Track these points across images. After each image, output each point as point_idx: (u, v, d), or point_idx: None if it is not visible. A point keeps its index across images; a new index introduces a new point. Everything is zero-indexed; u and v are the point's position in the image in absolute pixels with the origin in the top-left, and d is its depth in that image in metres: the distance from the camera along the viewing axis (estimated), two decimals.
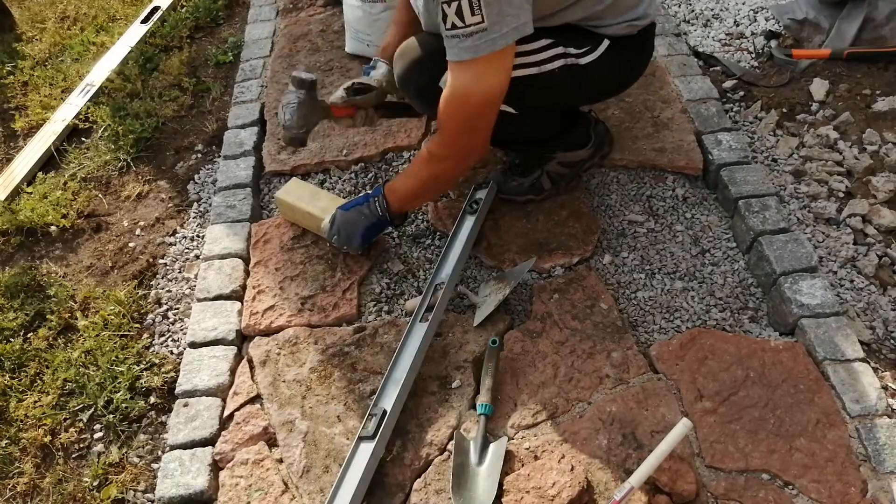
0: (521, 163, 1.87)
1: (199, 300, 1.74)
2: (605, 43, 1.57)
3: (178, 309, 1.81)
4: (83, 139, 2.35)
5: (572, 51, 1.55)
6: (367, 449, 1.37)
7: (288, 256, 1.82)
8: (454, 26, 1.35)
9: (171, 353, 1.71)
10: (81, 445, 1.56)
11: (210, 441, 1.48)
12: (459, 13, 1.33)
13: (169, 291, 1.85)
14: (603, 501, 1.32)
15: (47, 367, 1.69)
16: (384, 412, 1.41)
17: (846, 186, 1.90)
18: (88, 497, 1.46)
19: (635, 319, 1.65)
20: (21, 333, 1.77)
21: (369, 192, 1.74)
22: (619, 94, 1.87)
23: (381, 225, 1.72)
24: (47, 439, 1.56)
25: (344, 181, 2.04)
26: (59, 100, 2.50)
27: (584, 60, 1.56)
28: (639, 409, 1.43)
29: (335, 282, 1.75)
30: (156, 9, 2.88)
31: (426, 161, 1.62)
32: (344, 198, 1.99)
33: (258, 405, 1.53)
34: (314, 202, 1.82)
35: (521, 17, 1.34)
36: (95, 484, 1.48)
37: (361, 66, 2.04)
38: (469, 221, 1.79)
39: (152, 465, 1.50)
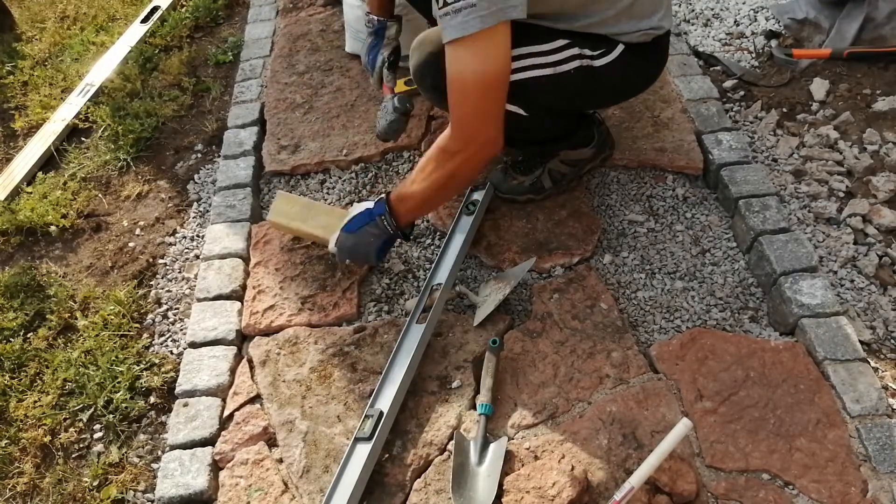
0: (524, 160, 1.87)
1: (199, 300, 1.73)
2: (620, 47, 1.57)
3: (178, 309, 1.81)
4: (83, 139, 2.35)
5: (588, 52, 1.55)
6: (363, 450, 1.37)
7: (288, 257, 1.82)
8: (445, 3, 1.34)
9: (171, 353, 1.71)
10: (81, 445, 1.56)
11: (210, 441, 1.48)
12: None
13: (169, 291, 1.85)
14: (603, 501, 1.32)
15: (47, 367, 1.69)
16: (381, 413, 1.41)
17: (846, 186, 1.90)
18: (88, 497, 1.46)
19: (635, 319, 1.65)
20: (21, 333, 1.77)
21: (370, 206, 1.62)
22: (631, 98, 1.87)
23: (392, 240, 1.67)
24: (47, 439, 1.56)
25: (344, 181, 2.04)
26: (58, 99, 2.50)
27: (598, 63, 1.56)
28: (639, 409, 1.43)
29: (335, 281, 1.75)
30: (156, 8, 2.88)
31: (439, 159, 1.52)
32: (342, 200, 1.99)
33: (258, 405, 1.53)
34: (312, 219, 1.76)
35: (511, 0, 1.32)
36: (95, 484, 1.48)
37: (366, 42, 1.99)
38: (466, 222, 1.79)
39: (152, 465, 1.50)
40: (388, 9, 1.95)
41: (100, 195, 2.15)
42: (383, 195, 1.60)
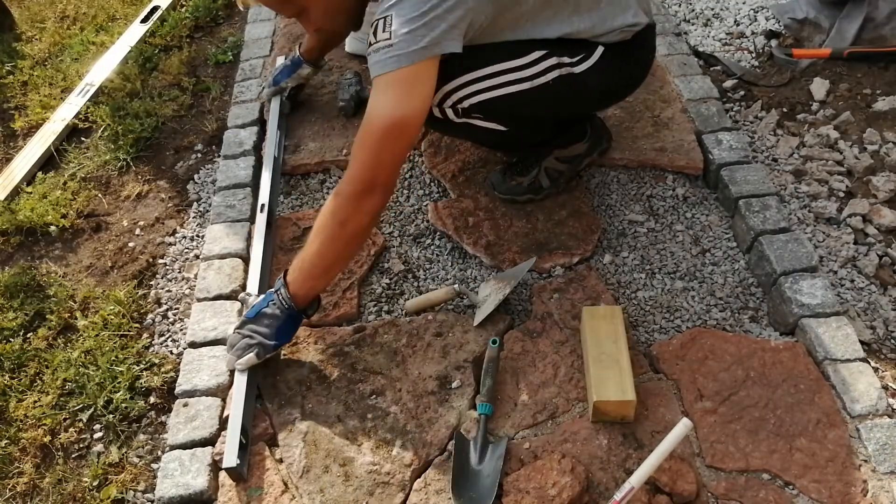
0: (519, 161, 1.87)
1: (199, 300, 1.73)
2: (600, 49, 1.54)
3: (177, 309, 1.80)
4: (83, 139, 2.35)
5: (566, 59, 1.52)
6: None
7: (288, 257, 1.82)
8: (370, 44, 1.33)
9: (171, 353, 1.70)
10: (81, 445, 1.56)
11: (210, 441, 1.47)
12: (375, 31, 1.32)
13: (169, 291, 1.85)
14: (603, 501, 1.32)
15: (47, 367, 1.69)
16: None
17: (846, 186, 1.90)
18: (88, 497, 1.46)
19: (635, 319, 1.65)
20: (21, 333, 1.77)
21: (271, 289, 1.51)
22: (623, 98, 1.86)
23: (294, 320, 1.50)
24: (47, 439, 1.56)
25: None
26: (58, 99, 2.50)
27: (578, 69, 1.54)
28: (639, 409, 1.43)
29: (335, 281, 1.75)
30: (155, 8, 2.88)
31: (329, 209, 1.43)
32: None
33: (258, 405, 1.53)
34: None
35: (435, 37, 1.29)
36: (95, 484, 1.48)
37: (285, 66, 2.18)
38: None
39: (152, 465, 1.50)
40: (314, 55, 2.10)
41: (100, 195, 2.15)
42: (282, 273, 1.50)
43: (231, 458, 1.37)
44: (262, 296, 1.53)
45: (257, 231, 1.83)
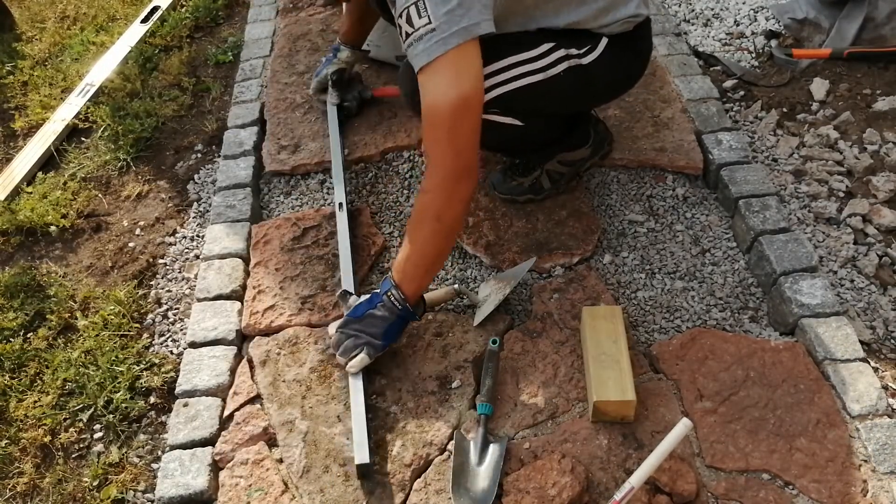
0: (521, 162, 1.87)
1: (199, 300, 1.73)
2: (604, 41, 1.57)
3: (178, 309, 1.80)
4: (83, 139, 2.35)
5: (574, 51, 1.55)
6: None
7: (288, 257, 1.82)
8: (407, 35, 1.33)
9: (171, 353, 1.71)
10: (81, 445, 1.56)
11: (210, 441, 1.48)
12: (409, 20, 1.32)
13: (169, 291, 1.85)
14: (603, 501, 1.32)
15: (47, 367, 1.69)
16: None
17: (846, 186, 1.90)
18: (88, 497, 1.46)
19: (635, 319, 1.65)
20: (21, 333, 1.77)
21: (376, 290, 1.53)
22: (625, 92, 1.87)
23: (403, 321, 1.51)
24: (47, 439, 1.56)
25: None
26: (58, 99, 2.50)
27: (586, 60, 1.56)
28: (639, 409, 1.43)
29: (335, 281, 1.75)
30: (155, 8, 2.88)
31: (421, 206, 1.44)
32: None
33: (258, 405, 1.53)
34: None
35: (473, 16, 1.30)
36: (95, 484, 1.48)
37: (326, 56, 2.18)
38: None
39: (152, 465, 1.50)
40: (353, 39, 2.08)
41: (100, 195, 2.15)
42: (387, 275, 1.51)
43: (363, 455, 1.37)
44: (365, 297, 1.53)
45: (340, 229, 1.82)
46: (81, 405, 1.61)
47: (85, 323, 1.76)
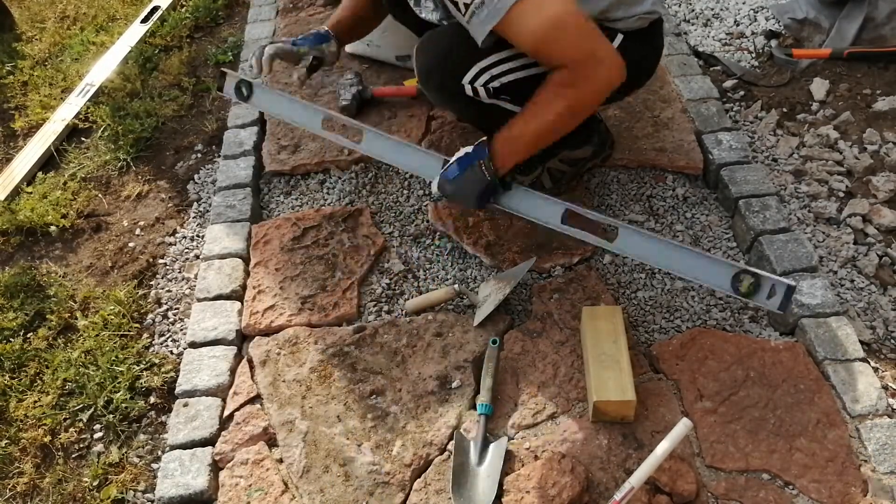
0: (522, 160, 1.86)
1: (199, 300, 1.73)
2: (620, 37, 1.58)
3: (178, 309, 1.81)
4: (83, 139, 2.35)
5: None
6: None
7: (288, 257, 1.82)
8: (466, 5, 1.35)
9: (171, 353, 1.71)
10: (81, 445, 1.56)
11: (210, 441, 1.48)
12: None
13: (169, 291, 1.85)
14: (603, 501, 1.32)
15: (47, 367, 1.69)
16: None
17: (846, 186, 1.90)
18: (88, 497, 1.46)
19: (635, 319, 1.65)
20: (21, 333, 1.77)
21: (468, 150, 1.56)
22: (635, 89, 1.86)
23: (493, 188, 1.57)
24: (47, 439, 1.56)
25: (344, 181, 2.04)
26: (58, 99, 2.50)
27: None
28: (639, 409, 1.43)
29: (335, 281, 1.75)
30: (155, 8, 2.88)
31: (555, 92, 1.42)
32: (342, 200, 1.99)
33: (258, 405, 1.53)
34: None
35: None
36: (95, 484, 1.48)
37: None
38: (718, 274, 1.50)
39: (152, 465, 1.50)
40: (341, 29, 1.91)
41: (100, 195, 2.15)
42: (483, 139, 1.54)
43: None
44: (459, 154, 1.56)
45: None
46: (81, 405, 1.61)
47: (85, 323, 1.76)
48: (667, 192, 1.93)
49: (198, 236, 1.98)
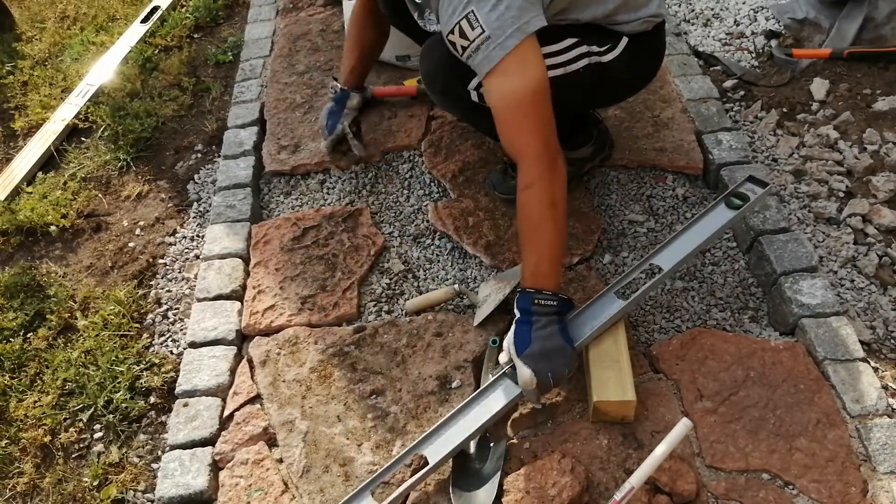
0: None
1: (199, 300, 1.73)
2: (625, 40, 1.58)
3: (178, 309, 1.81)
4: (83, 139, 2.35)
5: (595, 48, 1.56)
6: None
7: (288, 257, 1.82)
8: (463, 48, 1.37)
9: (171, 353, 1.71)
10: (81, 445, 1.56)
11: (210, 441, 1.48)
12: (463, 34, 1.36)
13: (169, 291, 1.85)
14: (603, 501, 1.32)
15: (47, 367, 1.69)
16: None
17: (846, 186, 1.90)
18: (88, 497, 1.46)
19: (635, 319, 1.65)
20: (21, 333, 1.77)
21: (516, 314, 1.41)
22: (638, 92, 1.87)
23: (564, 316, 1.43)
24: (47, 439, 1.56)
25: (344, 181, 2.04)
26: (58, 99, 2.50)
27: (606, 58, 1.57)
28: (639, 409, 1.43)
29: (335, 281, 1.75)
30: (155, 8, 2.89)
31: (527, 208, 1.42)
32: (342, 200, 1.99)
33: (258, 405, 1.53)
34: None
35: (523, 17, 1.35)
36: (95, 484, 1.48)
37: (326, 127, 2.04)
38: (721, 214, 1.58)
39: (152, 465, 1.50)
40: (356, 81, 2.03)
41: (100, 195, 2.15)
42: (517, 294, 1.43)
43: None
44: (513, 330, 1.39)
45: None
46: (81, 405, 1.61)
47: (85, 323, 1.76)
48: (667, 192, 1.93)
49: (198, 236, 1.98)
